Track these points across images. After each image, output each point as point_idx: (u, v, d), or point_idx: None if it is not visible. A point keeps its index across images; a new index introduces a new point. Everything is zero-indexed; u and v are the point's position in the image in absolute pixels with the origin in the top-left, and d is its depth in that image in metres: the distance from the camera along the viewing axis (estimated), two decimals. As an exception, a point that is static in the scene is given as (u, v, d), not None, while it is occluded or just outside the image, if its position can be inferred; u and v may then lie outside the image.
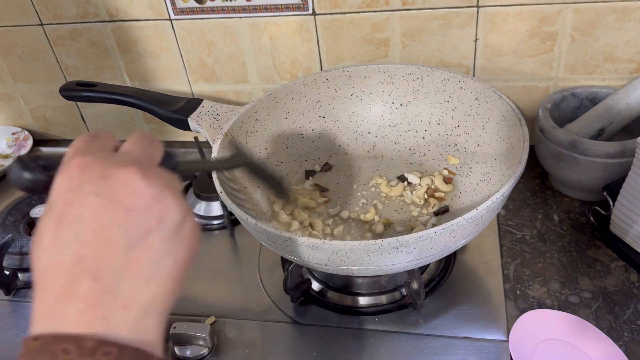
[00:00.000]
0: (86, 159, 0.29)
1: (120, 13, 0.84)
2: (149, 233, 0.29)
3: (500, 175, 0.62)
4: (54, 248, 0.28)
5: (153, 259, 0.29)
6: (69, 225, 0.28)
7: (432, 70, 0.70)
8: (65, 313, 0.26)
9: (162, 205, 0.29)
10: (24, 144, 0.99)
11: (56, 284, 0.27)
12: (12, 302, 0.71)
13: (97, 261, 0.27)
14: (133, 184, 0.29)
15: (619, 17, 0.70)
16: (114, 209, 0.28)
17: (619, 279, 0.63)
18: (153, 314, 0.29)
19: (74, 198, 0.28)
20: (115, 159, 0.30)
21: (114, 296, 0.27)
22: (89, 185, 0.28)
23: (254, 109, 0.69)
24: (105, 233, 0.28)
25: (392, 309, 0.62)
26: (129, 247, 0.28)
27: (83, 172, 0.29)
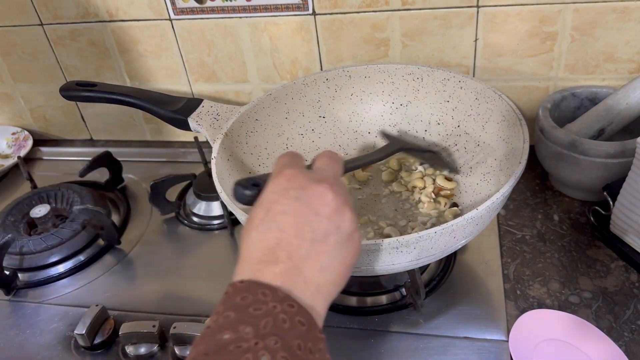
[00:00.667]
0: (293, 171, 0.39)
1: (120, 13, 0.84)
2: (329, 235, 0.37)
3: (500, 175, 0.62)
4: (261, 229, 0.36)
5: (329, 254, 0.37)
6: (274, 216, 0.37)
7: (432, 70, 0.70)
8: (265, 272, 0.34)
9: (341, 217, 0.38)
10: (24, 144, 0.99)
11: (260, 253, 0.35)
12: (12, 302, 0.71)
13: (291, 245, 0.36)
14: (324, 197, 0.37)
15: (619, 17, 0.70)
16: (308, 211, 0.37)
17: (619, 279, 0.63)
18: (322, 295, 0.36)
19: (280, 198, 0.37)
20: (312, 174, 0.39)
21: (300, 272, 0.35)
22: (292, 191, 0.37)
23: (254, 109, 0.69)
24: (299, 227, 0.36)
25: (392, 309, 0.62)
26: (314, 241, 0.36)
27: (289, 181, 0.38)
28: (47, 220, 0.78)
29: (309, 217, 0.37)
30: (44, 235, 0.74)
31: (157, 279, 0.71)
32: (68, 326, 0.66)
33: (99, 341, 0.62)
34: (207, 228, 0.78)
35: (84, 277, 0.73)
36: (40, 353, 0.63)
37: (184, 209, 0.82)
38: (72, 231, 0.75)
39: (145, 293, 0.69)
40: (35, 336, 0.65)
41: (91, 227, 0.76)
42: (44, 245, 0.74)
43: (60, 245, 0.74)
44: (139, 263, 0.74)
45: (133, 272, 0.73)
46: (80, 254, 0.75)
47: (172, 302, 0.67)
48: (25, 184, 0.89)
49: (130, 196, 0.86)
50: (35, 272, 0.73)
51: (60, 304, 0.69)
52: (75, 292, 0.71)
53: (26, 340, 0.65)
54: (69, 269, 0.74)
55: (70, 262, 0.74)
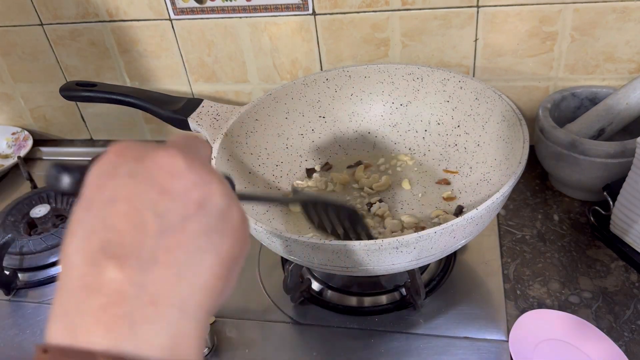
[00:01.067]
0: (125, 144, 0.27)
1: (120, 13, 0.84)
2: (187, 219, 0.25)
3: (500, 175, 0.62)
4: (79, 235, 0.24)
5: (189, 248, 0.25)
6: (98, 209, 0.25)
7: (432, 70, 0.70)
8: (84, 309, 0.23)
9: (204, 190, 0.26)
10: (24, 144, 0.99)
11: (77, 274, 0.23)
12: (12, 302, 0.71)
13: (123, 247, 0.23)
14: (173, 166, 0.25)
15: (619, 17, 0.70)
16: (149, 190, 0.25)
17: (619, 279, 0.63)
18: (189, 316, 0.24)
19: (107, 180, 0.25)
20: (154, 145, 0.27)
21: (141, 288, 0.23)
22: (123, 167, 0.25)
23: (254, 109, 0.69)
24: (136, 216, 0.24)
25: (392, 309, 0.62)
26: (162, 232, 0.24)
27: (119, 155, 0.26)
28: (47, 220, 0.78)
29: (151, 197, 0.24)
30: (44, 235, 0.74)
31: (157, 279, 0.71)
32: (68, 326, 0.66)
33: (99, 341, 0.62)
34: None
35: (84, 277, 0.73)
36: (40, 353, 0.63)
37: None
38: (72, 231, 0.75)
39: (145, 293, 0.69)
40: (35, 336, 0.65)
41: (91, 227, 0.76)
42: (44, 245, 0.74)
43: (60, 245, 0.74)
44: (139, 263, 0.74)
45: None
46: (80, 254, 0.75)
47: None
48: (25, 184, 0.89)
49: (130, 196, 0.86)
50: (35, 272, 0.73)
51: (60, 304, 0.69)
52: (75, 292, 0.71)
53: (26, 340, 0.65)
54: (69, 269, 0.73)
55: (70, 262, 0.74)
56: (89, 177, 0.26)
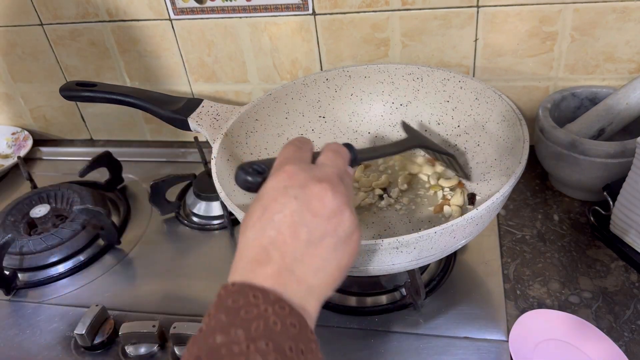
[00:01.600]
0: (294, 168, 0.38)
1: (120, 13, 0.84)
2: (325, 237, 0.36)
3: (500, 176, 0.62)
4: (257, 227, 0.36)
5: (323, 256, 0.36)
6: (271, 214, 0.36)
7: (432, 70, 0.70)
8: (258, 273, 0.34)
9: (340, 218, 0.37)
10: (24, 144, 0.99)
11: (253, 252, 0.35)
12: (12, 302, 0.71)
13: (285, 245, 0.35)
14: (323, 197, 0.36)
15: (619, 17, 0.70)
16: (306, 212, 0.36)
17: (619, 279, 0.63)
18: (315, 296, 0.36)
19: (279, 196, 0.37)
20: (314, 171, 0.38)
21: (293, 273, 0.35)
22: (291, 190, 0.37)
23: (254, 109, 0.69)
24: (295, 227, 0.36)
25: (392, 309, 0.62)
26: (309, 243, 0.36)
27: (290, 178, 0.37)
28: (47, 220, 0.78)
29: (306, 217, 0.36)
30: (44, 235, 0.74)
31: (157, 279, 0.71)
32: (68, 326, 0.66)
33: (98, 341, 0.62)
34: (207, 228, 0.78)
35: (84, 277, 0.73)
36: (40, 353, 0.63)
37: (184, 209, 0.82)
38: (72, 231, 0.75)
39: (145, 293, 0.69)
40: (35, 336, 0.65)
41: (91, 227, 0.76)
42: (44, 245, 0.74)
43: (60, 245, 0.74)
44: (139, 263, 0.74)
45: (133, 272, 0.73)
46: (80, 254, 0.75)
47: (172, 302, 0.67)
48: (25, 184, 0.89)
49: (130, 196, 0.86)
50: (35, 272, 0.73)
51: (60, 304, 0.69)
52: (75, 292, 0.71)
53: (26, 340, 0.65)
54: (69, 269, 0.74)
55: (70, 262, 0.74)
56: (266, 187, 0.38)
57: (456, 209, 0.64)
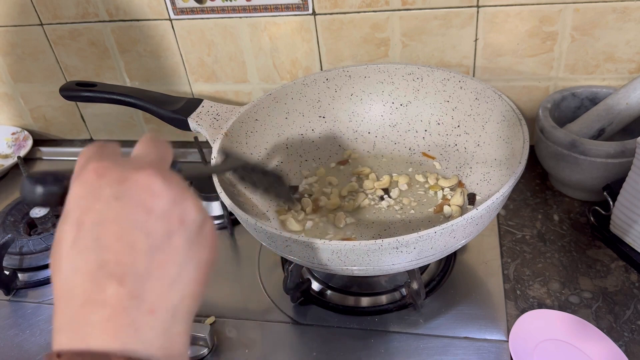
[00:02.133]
0: (102, 163, 0.29)
1: (120, 13, 0.84)
2: (171, 235, 0.28)
3: (500, 175, 0.62)
4: (74, 255, 0.27)
5: (177, 261, 0.28)
6: (88, 230, 0.27)
7: (432, 70, 0.70)
8: (91, 321, 0.25)
9: (183, 207, 0.29)
10: (23, 144, 0.99)
11: (79, 291, 0.26)
12: (11, 302, 0.71)
13: (121, 265, 0.26)
14: (153, 186, 0.28)
15: (619, 17, 0.70)
16: (135, 211, 0.27)
17: (619, 279, 0.63)
18: (180, 318, 0.28)
19: (93, 203, 0.27)
20: (131, 163, 0.30)
21: (140, 300, 0.26)
22: (107, 189, 0.28)
23: (254, 109, 0.69)
24: (127, 236, 0.27)
25: (392, 309, 0.62)
26: (152, 249, 0.27)
27: (100, 177, 0.28)
28: (47, 220, 0.78)
29: (138, 218, 0.27)
30: (44, 235, 0.74)
31: (157, 279, 0.71)
32: (68, 326, 0.66)
33: (98, 341, 0.62)
34: (207, 228, 0.78)
35: (84, 277, 0.73)
36: (40, 353, 0.63)
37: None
38: (72, 231, 0.75)
39: (145, 293, 0.69)
40: (35, 336, 0.65)
41: (91, 227, 0.76)
42: (44, 245, 0.74)
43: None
44: (139, 263, 0.74)
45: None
46: (80, 254, 0.75)
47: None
48: (25, 184, 0.89)
49: (130, 196, 0.86)
50: (35, 272, 0.73)
51: (60, 304, 0.69)
52: (75, 292, 0.71)
53: (26, 340, 0.65)
54: (69, 269, 0.73)
55: (70, 262, 0.74)
56: (71, 197, 0.28)
57: (456, 209, 0.64)
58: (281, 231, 0.51)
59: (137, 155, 0.32)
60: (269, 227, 0.51)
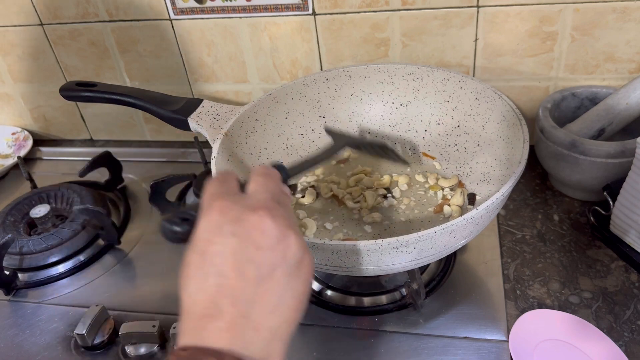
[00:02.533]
0: (224, 202, 0.35)
1: (120, 13, 0.84)
2: (275, 268, 0.33)
3: (500, 175, 0.62)
4: (199, 277, 0.33)
5: (278, 290, 0.33)
6: (210, 259, 0.33)
7: (432, 70, 0.70)
8: (209, 330, 0.31)
9: (286, 244, 0.34)
10: (24, 144, 0.99)
11: (201, 306, 0.32)
12: (11, 302, 0.71)
13: (234, 290, 0.32)
14: (263, 226, 0.33)
15: (619, 17, 0.70)
16: (248, 247, 0.33)
17: (619, 279, 0.63)
18: (278, 338, 0.33)
19: (215, 236, 0.33)
20: (246, 201, 0.35)
21: (248, 319, 0.32)
22: (227, 226, 0.33)
23: (254, 109, 0.69)
24: (240, 267, 0.32)
25: (392, 309, 0.62)
26: (259, 279, 0.33)
27: (222, 215, 0.34)
28: (47, 220, 0.78)
29: (250, 252, 0.33)
30: (44, 235, 0.74)
31: (157, 279, 0.71)
32: (68, 326, 0.66)
33: (98, 341, 0.62)
34: (207, 228, 0.78)
35: (84, 277, 0.73)
36: (40, 353, 0.63)
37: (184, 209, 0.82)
38: (72, 231, 0.75)
39: (145, 293, 0.69)
40: (35, 336, 0.65)
41: (91, 227, 0.76)
42: (44, 245, 0.74)
43: (60, 245, 0.74)
44: (139, 263, 0.74)
45: (133, 272, 0.73)
46: (80, 254, 0.75)
47: (172, 302, 0.67)
48: (25, 184, 0.89)
49: (130, 196, 0.86)
50: (35, 272, 0.73)
51: (60, 304, 0.69)
52: (75, 292, 0.71)
53: (26, 340, 0.65)
54: (69, 269, 0.74)
55: (70, 262, 0.74)
56: (199, 230, 0.34)
57: (456, 209, 0.64)
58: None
59: (253, 193, 0.37)
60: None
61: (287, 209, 0.37)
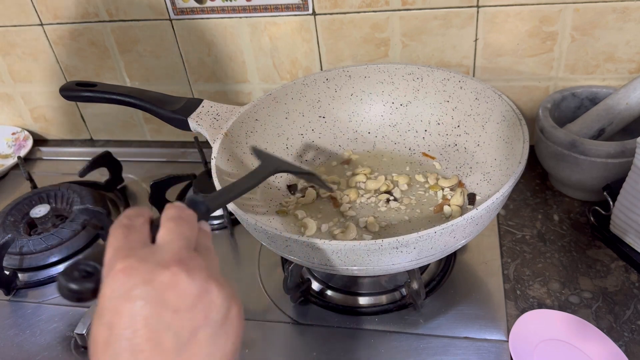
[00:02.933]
0: (129, 262, 0.30)
1: (120, 13, 0.84)
2: (197, 331, 0.30)
3: (500, 175, 0.62)
4: (109, 355, 0.29)
5: (203, 354, 0.30)
6: (120, 332, 0.29)
7: (432, 70, 0.70)
8: None
9: (207, 300, 0.30)
10: (24, 144, 0.99)
11: None
12: (11, 302, 0.71)
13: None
14: (177, 284, 0.29)
15: (619, 17, 0.70)
16: (162, 312, 0.29)
17: (619, 279, 0.63)
18: None
19: (123, 304, 0.29)
20: (156, 256, 0.31)
21: None
22: (135, 291, 0.29)
23: (254, 109, 0.69)
24: (156, 337, 0.28)
25: (392, 309, 0.62)
26: (180, 348, 0.29)
27: (128, 277, 0.30)
28: (47, 220, 0.78)
29: (165, 318, 0.29)
30: (44, 235, 0.74)
31: (157, 279, 0.71)
32: (68, 326, 0.66)
33: (99, 341, 0.62)
34: (207, 228, 0.78)
35: (84, 277, 0.73)
36: (40, 353, 0.63)
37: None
38: (72, 231, 0.75)
39: (145, 293, 0.69)
40: (35, 336, 0.65)
41: (91, 227, 0.76)
42: (44, 245, 0.74)
43: (60, 245, 0.74)
44: (139, 263, 0.74)
45: (133, 272, 0.73)
46: (80, 254, 0.75)
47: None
48: (25, 184, 0.89)
49: (130, 196, 0.86)
50: (35, 272, 0.73)
51: (60, 304, 0.69)
52: (75, 292, 0.71)
53: (26, 340, 0.65)
54: (69, 269, 0.73)
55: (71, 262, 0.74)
56: (104, 297, 0.30)
57: (456, 209, 0.64)
58: (281, 231, 0.51)
59: (163, 244, 0.33)
60: (269, 227, 0.51)
61: (207, 254, 0.34)
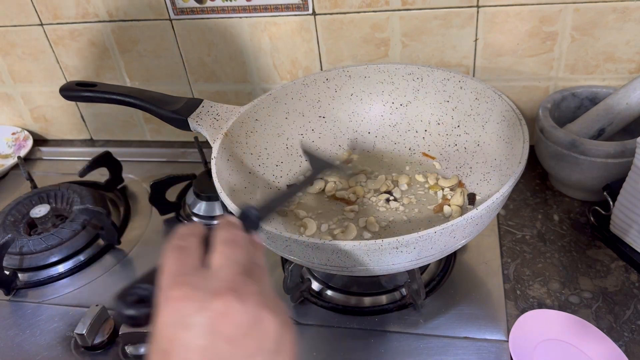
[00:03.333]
0: (183, 291, 0.30)
1: (120, 13, 0.84)
2: (254, 357, 0.30)
3: (500, 175, 0.62)
4: None
5: None
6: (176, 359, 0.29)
7: (432, 70, 0.70)
8: None
9: (260, 328, 0.30)
10: (24, 144, 0.99)
11: None
12: (11, 302, 0.71)
13: None
14: (231, 313, 0.30)
15: (619, 17, 0.70)
16: (216, 341, 0.29)
17: (619, 279, 0.63)
18: None
19: (177, 333, 0.29)
20: (208, 283, 0.31)
21: None
22: (190, 318, 0.29)
23: (254, 109, 0.69)
24: None
25: (392, 309, 0.62)
26: None
27: (183, 305, 0.30)
28: (47, 220, 0.78)
29: (221, 348, 0.29)
30: (44, 235, 0.74)
31: (157, 279, 0.71)
32: (68, 326, 0.66)
33: (98, 341, 0.62)
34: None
35: (84, 277, 0.73)
36: (40, 353, 0.63)
37: (184, 209, 0.82)
38: (72, 231, 0.75)
39: (145, 293, 0.69)
40: (35, 336, 0.65)
41: (91, 227, 0.76)
42: (44, 245, 0.74)
43: (60, 245, 0.74)
44: (139, 263, 0.74)
45: (133, 272, 0.73)
46: (80, 254, 0.75)
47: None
48: (25, 184, 0.89)
49: (130, 196, 0.86)
50: (35, 272, 0.73)
51: (60, 304, 0.69)
52: (75, 292, 0.71)
53: (26, 340, 0.65)
54: (69, 269, 0.74)
55: (70, 262, 0.74)
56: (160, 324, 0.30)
57: (456, 209, 0.64)
58: (281, 231, 0.51)
59: (216, 269, 0.33)
60: (269, 227, 0.51)
61: (260, 277, 0.34)
